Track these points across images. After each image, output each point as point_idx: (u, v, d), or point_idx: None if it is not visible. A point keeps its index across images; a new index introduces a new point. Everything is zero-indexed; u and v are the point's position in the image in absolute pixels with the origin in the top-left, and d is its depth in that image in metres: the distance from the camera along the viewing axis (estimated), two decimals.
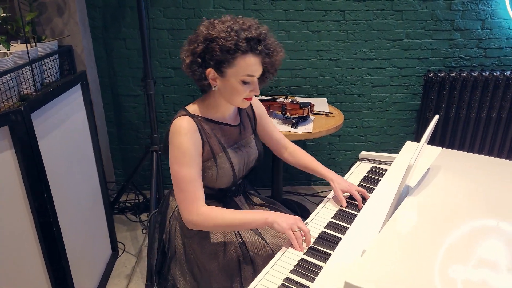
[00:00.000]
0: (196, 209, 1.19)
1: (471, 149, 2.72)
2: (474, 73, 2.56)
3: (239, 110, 1.39)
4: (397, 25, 2.56)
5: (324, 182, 3.00)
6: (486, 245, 0.84)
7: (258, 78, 1.22)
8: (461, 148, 2.70)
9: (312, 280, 1.03)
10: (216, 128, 1.28)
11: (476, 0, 2.51)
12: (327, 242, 1.19)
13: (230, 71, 1.16)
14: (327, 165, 3.02)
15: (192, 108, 1.27)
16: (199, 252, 1.29)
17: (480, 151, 2.73)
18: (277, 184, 2.45)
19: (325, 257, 1.12)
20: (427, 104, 2.65)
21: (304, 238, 1.16)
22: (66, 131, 1.69)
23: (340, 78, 2.68)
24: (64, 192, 1.63)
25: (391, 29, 2.57)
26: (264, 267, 1.21)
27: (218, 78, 1.19)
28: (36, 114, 1.40)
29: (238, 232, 1.32)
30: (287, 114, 2.07)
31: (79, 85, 1.85)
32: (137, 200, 2.72)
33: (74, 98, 1.81)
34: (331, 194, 1.46)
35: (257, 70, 1.18)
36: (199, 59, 1.18)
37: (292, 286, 1.01)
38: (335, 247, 1.15)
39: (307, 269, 1.08)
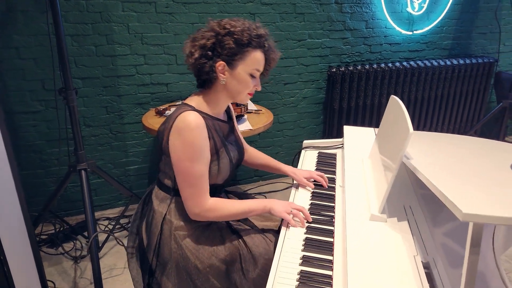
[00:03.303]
0: (204, 202, 1.21)
1: None
2: (366, 66, 2.97)
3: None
4: (301, 26, 2.80)
5: (247, 181, 3.10)
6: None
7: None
8: None
9: (329, 253, 1.09)
10: (215, 124, 1.29)
11: (360, 4, 2.92)
12: (322, 220, 1.27)
13: (241, 64, 1.22)
14: None
15: (195, 103, 1.26)
16: (197, 249, 1.25)
17: None
18: None
19: (328, 233, 1.19)
20: (332, 96, 2.96)
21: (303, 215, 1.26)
22: None
23: None
24: None
25: (296, 30, 2.80)
26: (261, 254, 1.26)
27: (227, 71, 1.22)
28: None
29: (230, 226, 1.33)
30: None
31: None
32: (53, 230, 2.37)
33: None
34: (295, 182, 1.56)
35: (262, 66, 1.27)
36: (209, 52, 1.20)
37: (314, 262, 1.06)
38: (333, 222, 1.24)
39: (318, 247, 1.13)
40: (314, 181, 1.51)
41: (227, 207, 1.24)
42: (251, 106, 2.46)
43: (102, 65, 2.42)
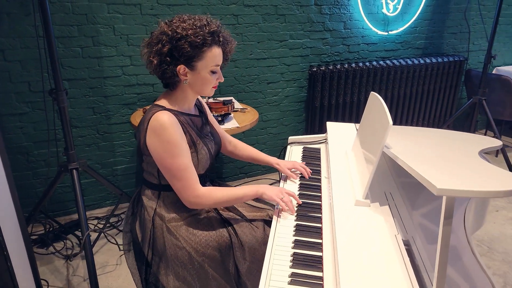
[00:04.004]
0: (195, 191, 1.28)
1: None
2: (345, 65, 3.10)
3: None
4: (282, 27, 2.90)
5: (233, 178, 3.18)
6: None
7: None
8: None
9: (318, 237, 1.19)
10: (188, 120, 1.35)
11: (338, 5, 3.04)
12: (310, 208, 1.36)
13: (200, 64, 1.26)
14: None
15: (165, 102, 1.32)
16: (191, 238, 1.31)
17: None
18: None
19: (316, 219, 1.29)
20: (313, 95, 3.08)
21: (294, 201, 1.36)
22: None
23: (239, 78, 2.88)
24: None
25: (277, 31, 2.90)
26: (249, 240, 1.34)
27: (189, 72, 1.27)
28: None
29: (220, 215, 1.41)
30: (213, 112, 2.16)
31: None
32: (43, 231, 2.39)
33: None
34: (283, 175, 1.65)
35: (221, 59, 1.31)
36: (168, 58, 1.24)
37: (305, 245, 1.15)
38: (320, 210, 1.34)
39: (308, 231, 1.23)
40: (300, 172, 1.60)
41: (221, 193, 1.32)
42: (237, 105, 2.54)
43: (89, 67, 2.45)
